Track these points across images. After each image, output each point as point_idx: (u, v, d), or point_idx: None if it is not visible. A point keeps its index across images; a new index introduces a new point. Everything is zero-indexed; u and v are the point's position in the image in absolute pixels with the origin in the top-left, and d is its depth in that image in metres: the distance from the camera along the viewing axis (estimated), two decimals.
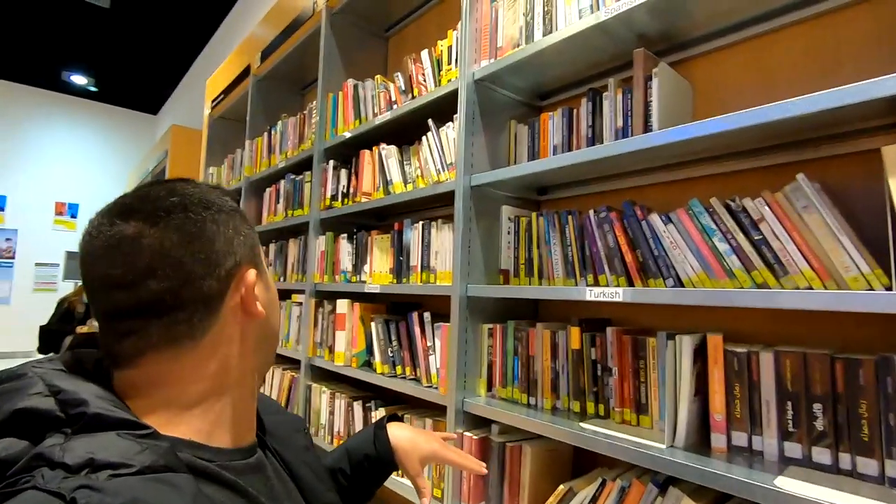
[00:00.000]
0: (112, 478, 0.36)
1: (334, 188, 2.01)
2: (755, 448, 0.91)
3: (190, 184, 0.52)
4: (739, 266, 0.92)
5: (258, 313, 0.52)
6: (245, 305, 0.51)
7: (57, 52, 6.23)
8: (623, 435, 1.02)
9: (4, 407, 0.39)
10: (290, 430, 0.67)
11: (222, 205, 0.52)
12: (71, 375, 0.44)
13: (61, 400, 0.41)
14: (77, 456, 0.36)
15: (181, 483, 0.40)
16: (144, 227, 0.46)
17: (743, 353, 0.93)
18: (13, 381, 0.42)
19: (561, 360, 1.23)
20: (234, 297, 0.50)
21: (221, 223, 0.50)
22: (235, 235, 0.51)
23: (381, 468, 0.82)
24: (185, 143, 4.87)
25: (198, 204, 0.49)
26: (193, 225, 0.48)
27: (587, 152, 1.13)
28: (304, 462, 0.63)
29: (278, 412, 0.69)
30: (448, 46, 1.54)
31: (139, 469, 0.38)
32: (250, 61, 3.08)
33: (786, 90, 1.06)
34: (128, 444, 0.39)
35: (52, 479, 0.34)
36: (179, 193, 0.49)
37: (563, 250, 1.25)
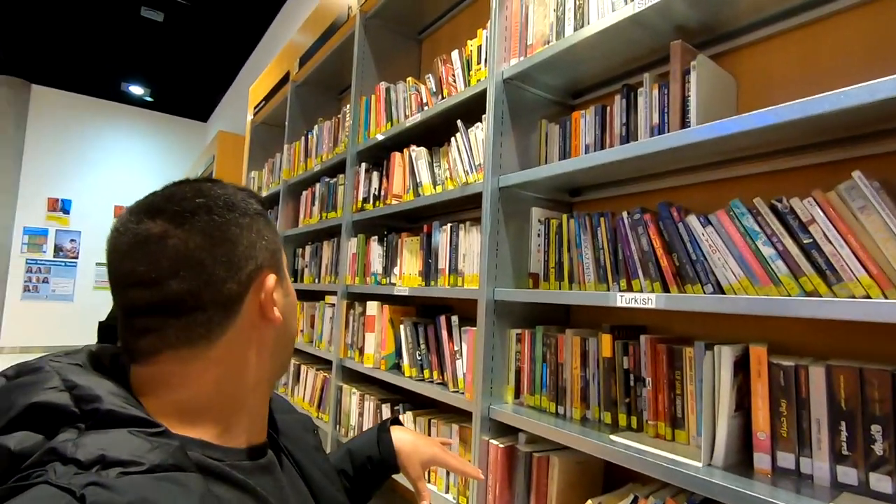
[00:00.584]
0: (122, 475, 0.36)
1: (366, 190, 2.02)
2: (804, 471, 0.83)
3: (217, 185, 0.53)
4: (786, 272, 0.85)
5: (276, 318, 0.52)
6: (263, 310, 0.51)
7: (117, 64, 6.64)
8: (656, 450, 0.95)
9: (20, 400, 0.40)
10: (301, 429, 0.66)
11: (247, 208, 0.52)
12: (87, 371, 0.45)
13: (76, 395, 0.41)
14: (89, 452, 0.36)
15: (190, 482, 0.40)
16: (170, 227, 0.46)
17: (790, 367, 0.85)
18: (30, 374, 0.43)
19: (591, 368, 1.18)
20: (253, 301, 0.50)
21: (245, 227, 0.50)
22: (258, 239, 0.51)
23: (383, 470, 0.82)
24: (231, 149, 5.06)
25: (223, 206, 0.49)
26: (217, 227, 0.48)
27: (621, 150, 1.08)
28: (314, 462, 0.63)
29: (289, 411, 0.68)
30: (478, 46, 1.51)
31: (149, 467, 0.38)
32: (289, 68, 3.16)
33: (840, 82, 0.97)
34: (139, 442, 0.39)
35: (64, 475, 0.35)
36: (206, 195, 0.50)
37: (595, 254, 1.20)
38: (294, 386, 2.55)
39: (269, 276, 0.51)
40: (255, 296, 0.50)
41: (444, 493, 1.47)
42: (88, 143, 7.72)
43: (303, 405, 2.38)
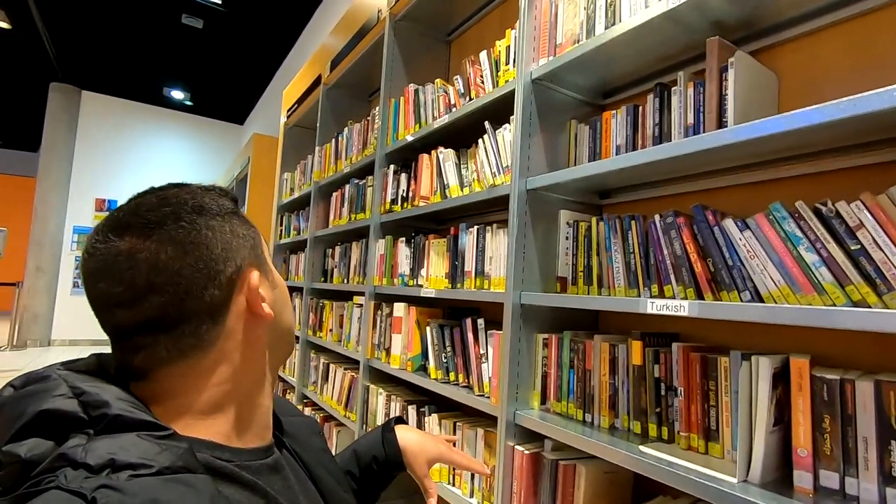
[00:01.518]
0: (132, 478, 0.37)
1: (394, 192, 2.03)
2: (849, 492, 0.78)
3: (183, 189, 0.51)
4: (831, 280, 0.80)
5: (266, 314, 0.52)
6: (252, 308, 0.51)
7: (159, 70, 6.92)
8: (689, 464, 0.92)
9: (30, 408, 0.40)
10: (308, 432, 0.67)
11: (217, 208, 0.51)
12: (93, 378, 0.45)
13: (84, 401, 0.41)
14: (98, 456, 0.37)
15: (199, 484, 0.40)
16: (138, 242, 0.45)
17: (834, 381, 0.80)
18: (38, 382, 0.43)
19: (621, 375, 1.15)
20: (239, 301, 0.50)
21: (217, 228, 0.49)
22: (233, 238, 0.50)
23: (389, 470, 0.83)
24: (265, 151, 5.19)
25: (191, 211, 0.48)
26: (188, 234, 0.46)
27: (653, 152, 1.04)
28: (321, 463, 0.63)
29: (294, 413, 0.69)
30: (506, 46, 1.50)
31: (158, 469, 0.38)
32: (321, 71, 3.21)
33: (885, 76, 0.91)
34: (147, 445, 0.40)
35: (75, 479, 0.35)
36: (171, 202, 0.48)
37: (625, 258, 1.16)
38: (323, 384, 2.59)
39: (252, 273, 0.51)
40: (241, 296, 0.50)
41: (468, 498, 1.46)
42: (133, 145, 8.08)
43: (331, 404, 2.42)
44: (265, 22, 5.46)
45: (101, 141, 7.80)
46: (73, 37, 5.93)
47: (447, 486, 1.54)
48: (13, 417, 0.40)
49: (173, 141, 8.43)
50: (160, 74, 7.09)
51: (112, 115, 7.91)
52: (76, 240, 7.58)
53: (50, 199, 7.27)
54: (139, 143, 8.14)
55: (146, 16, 5.41)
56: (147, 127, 8.20)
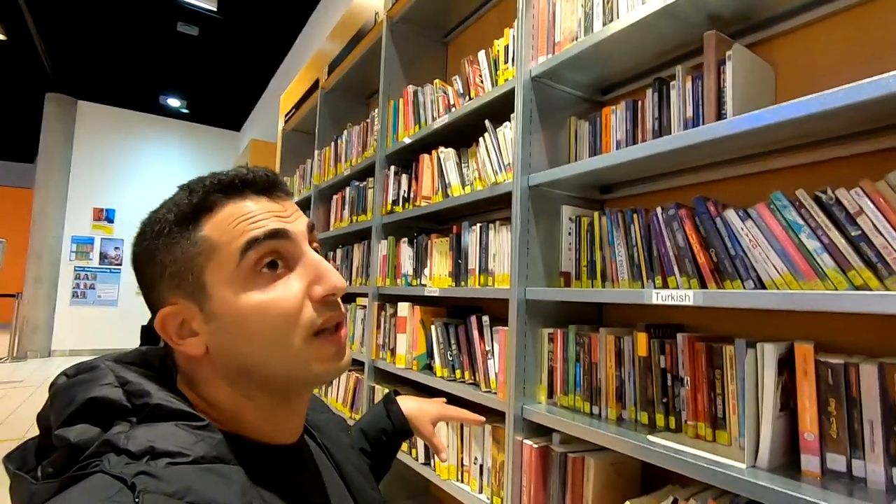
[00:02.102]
0: (169, 465, 0.38)
1: (395, 193, 2.04)
2: (856, 474, 0.79)
3: (174, 194, 0.50)
4: (833, 266, 0.81)
5: (191, 354, 0.47)
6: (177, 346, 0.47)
7: (155, 78, 6.93)
8: (697, 451, 0.93)
9: (79, 396, 0.42)
10: (336, 429, 0.68)
11: (153, 229, 0.48)
12: (137, 369, 0.47)
13: (128, 391, 0.43)
14: (139, 444, 0.39)
15: (231, 474, 0.42)
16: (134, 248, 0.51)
17: (839, 365, 0.81)
18: (88, 372, 0.45)
19: (627, 367, 1.16)
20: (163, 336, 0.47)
21: (140, 256, 0.49)
22: (153, 268, 0.47)
23: (397, 439, 0.88)
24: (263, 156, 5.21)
25: (140, 234, 0.50)
26: (134, 261, 0.50)
27: (653, 145, 1.06)
28: (349, 460, 0.64)
29: (325, 411, 0.70)
30: (505, 45, 1.51)
31: (194, 459, 0.40)
32: (319, 75, 3.22)
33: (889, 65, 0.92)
34: (184, 435, 0.41)
35: (117, 465, 0.37)
36: (148, 217, 0.50)
37: (628, 251, 1.18)
38: (327, 387, 2.59)
39: (165, 311, 0.46)
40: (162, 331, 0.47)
41: (478, 494, 1.47)
42: (130, 154, 8.07)
43: (336, 406, 2.42)
44: (260, 28, 5.47)
45: (97, 150, 7.80)
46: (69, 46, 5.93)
47: (456, 482, 1.55)
48: (65, 404, 0.42)
49: (170, 149, 8.43)
50: (156, 83, 7.10)
51: (108, 125, 7.90)
52: (74, 249, 7.57)
53: (48, 209, 7.25)
54: (136, 152, 8.13)
55: (141, 24, 5.42)
56: (144, 135, 8.20)
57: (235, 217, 0.47)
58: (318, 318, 0.48)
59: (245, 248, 0.45)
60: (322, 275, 0.48)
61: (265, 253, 0.46)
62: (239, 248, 0.45)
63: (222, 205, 0.47)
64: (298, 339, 0.47)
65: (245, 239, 0.46)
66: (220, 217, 0.47)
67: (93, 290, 7.68)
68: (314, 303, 0.48)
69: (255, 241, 0.46)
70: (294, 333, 0.46)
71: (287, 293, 0.47)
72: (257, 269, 0.46)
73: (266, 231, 0.46)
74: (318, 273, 0.48)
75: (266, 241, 0.46)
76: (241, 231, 0.46)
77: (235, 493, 0.40)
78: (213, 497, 0.38)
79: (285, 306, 0.46)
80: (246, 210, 0.47)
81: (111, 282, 7.83)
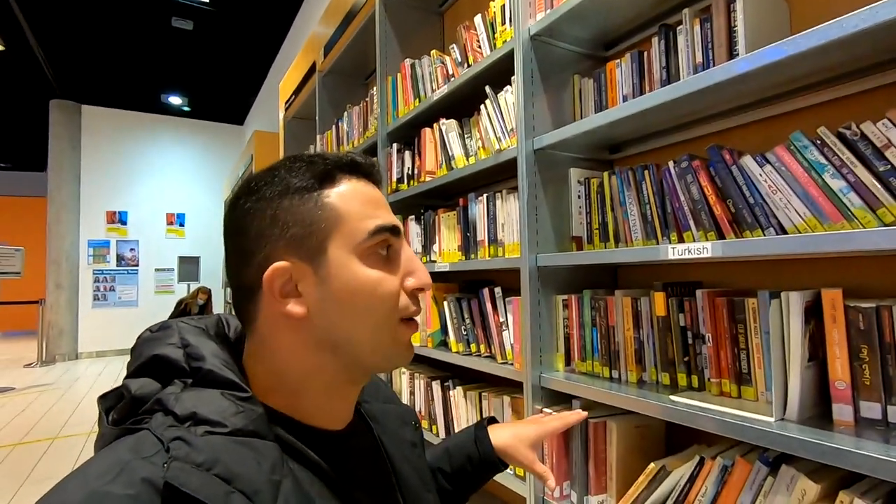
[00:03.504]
0: (207, 434, 0.40)
1: (399, 171, 2.01)
2: (892, 420, 0.76)
3: (286, 161, 0.52)
4: (860, 204, 0.77)
5: (293, 313, 0.47)
6: (277, 302, 0.47)
7: (155, 77, 6.92)
8: (723, 408, 0.90)
9: (147, 351, 0.46)
10: (399, 422, 0.64)
11: (269, 190, 0.49)
12: (202, 333, 0.49)
13: (188, 353, 0.46)
14: (185, 407, 0.41)
15: (265, 449, 0.42)
16: (225, 220, 0.53)
17: (870, 309, 0.77)
18: (161, 331, 0.49)
19: (645, 329, 1.13)
20: (266, 291, 0.48)
21: (257, 213, 0.48)
22: (270, 226, 0.48)
23: (483, 469, 0.79)
24: (267, 147, 5.18)
25: (247, 192, 0.50)
26: (238, 217, 0.50)
27: (662, 93, 1.00)
28: (406, 457, 0.61)
29: (390, 401, 0.66)
30: (501, 6, 1.45)
31: (231, 430, 0.41)
32: (315, 59, 3.17)
33: None
34: (227, 404, 0.43)
35: (161, 426, 0.40)
36: (258, 177, 0.51)
37: (641, 209, 1.13)
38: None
39: (275, 265, 0.46)
40: (266, 286, 0.47)
41: None
42: (137, 155, 8.14)
43: None
44: (254, 17, 5.41)
45: (105, 154, 7.87)
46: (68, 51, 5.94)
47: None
48: (135, 357, 0.47)
49: (176, 147, 8.47)
50: (156, 82, 7.10)
51: (113, 127, 7.95)
52: (92, 253, 7.70)
53: (62, 216, 7.37)
54: (143, 153, 8.19)
55: (136, 22, 5.39)
56: (149, 135, 8.24)
57: (360, 195, 0.50)
58: (411, 307, 0.52)
59: (374, 231, 0.49)
60: (416, 269, 0.53)
61: (384, 240, 0.50)
62: (369, 228, 0.49)
63: (344, 180, 0.50)
64: (393, 319, 0.51)
65: (376, 224, 0.49)
66: (345, 191, 0.50)
67: (113, 292, 7.83)
68: (407, 293, 0.52)
69: (384, 229, 0.50)
70: (392, 312, 0.50)
71: (393, 277, 0.51)
72: (375, 250, 0.50)
73: (391, 224, 0.51)
74: (413, 267, 0.53)
75: (388, 232, 0.50)
76: (368, 212, 0.50)
77: (265, 469, 0.41)
78: (240, 471, 0.39)
79: (391, 287, 0.50)
80: (368, 192, 0.51)
81: (130, 283, 7.97)
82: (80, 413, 4.36)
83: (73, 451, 3.38)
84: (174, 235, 8.33)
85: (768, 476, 0.84)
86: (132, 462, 0.37)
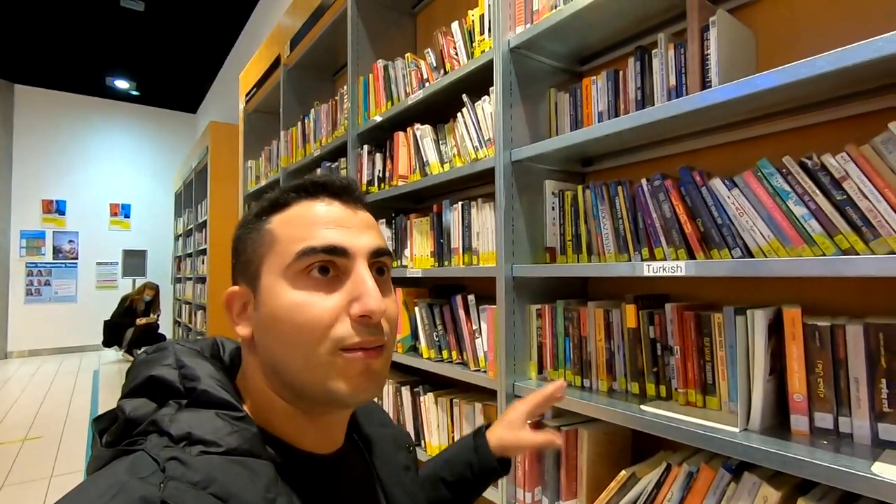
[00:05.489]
0: (202, 454, 0.40)
1: (370, 173, 1.98)
2: (843, 430, 0.82)
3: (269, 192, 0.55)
4: (820, 231, 0.83)
5: (240, 334, 0.51)
6: (234, 325, 0.52)
7: (99, 58, 6.49)
8: (690, 418, 0.95)
9: (143, 372, 0.47)
10: (393, 446, 0.64)
11: (242, 220, 0.54)
12: (197, 355, 0.50)
13: (183, 374, 0.47)
14: (180, 428, 0.41)
15: (259, 468, 0.42)
16: None
17: (825, 327, 0.84)
18: (157, 352, 0.50)
19: (616, 339, 1.17)
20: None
21: (233, 243, 0.54)
22: (233, 254, 0.54)
23: (484, 476, 0.79)
24: (225, 139, 4.98)
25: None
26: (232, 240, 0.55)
27: (637, 116, 1.04)
28: (399, 482, 0.61)
29: (384, 425, 0.66)
30: (480, 15, 1.46)
31: (226, 450, 0.41)
32: (280, 51, 3.07)
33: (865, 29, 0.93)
34: (221, 424, 0.43)
35: (156, 446, 0.40)
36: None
37: (614, 224, 1.17)
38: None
39: (231, 289, 0.52)
40: (227, 308, 0.53)
41: None
42: (77, 141, 7.61)
43: None
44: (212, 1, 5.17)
45: (41, 138, 7.32)
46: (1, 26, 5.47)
47: None
48: (131, 378, 0.47)
49: (121, 134, 7.98)
50: (101, 63, 6.65)
51: (51, 110, 7.40)
52: (25, 245, 7.15)
53: None
54: (84, 139, 7.67)
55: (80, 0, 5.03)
56: (91, 120, 7.73)
57: (306, 217, 0.49)
58: (353, 337, 0.47)
59: (301, 253, 0.47)
60: (362, 294, 0.47)
61: (317, 262, 0.47)
62: (296, 250, 0.47)
63: (293, 203, 0.51)
64: (324, 349, 0.46)
65: (303, 245, 0.47)
66: (289, 214, 0.50)
67: (48, 287, 7.31)
68: (353, 320, 0.47)
69: (312, 250, 0.47)
70: (321, 342, 0.46)
71: (326, 301, 0.47)
72: (307, 272, 0.47)
73: (324, 245, 0.47)
74: (360, 292, 0.47)
75: (321, 253, 0.47)
76: (303, 233, 0.48)
77: (260, 488, 0.41)
78: (235, 490, 0.39)
79: (318, 312, 0.46)
80: (313, 212, 0.50)
81: (68, 277, 7.46)
82: (10, 419, 4.05)
83: (2, 462, 3.12)
84: (118, 227, 7.86)
85: (731, 482, 0.89)
86: (129, 483, 0.37)
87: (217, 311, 4.84)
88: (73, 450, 3.32)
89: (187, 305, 6.18)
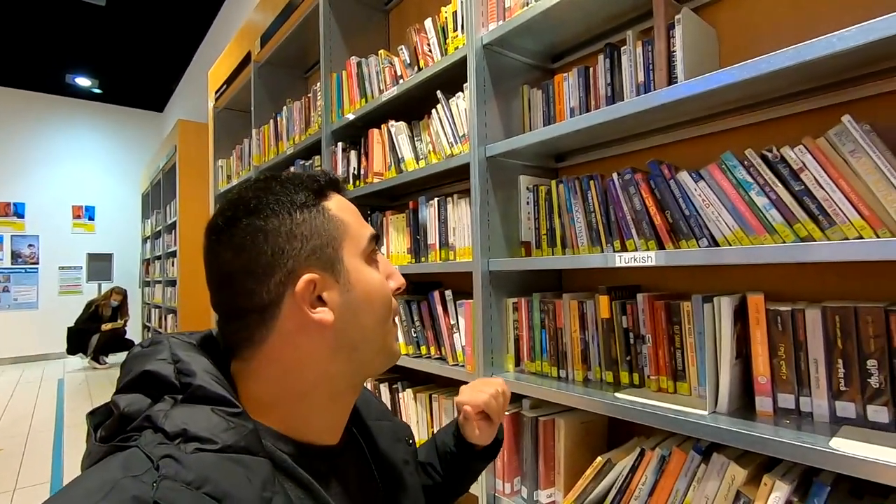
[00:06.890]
0: (197, 451, 0.39)
1: (345, 171, 1.97)
2: (804, 410, 0.87)
3: (257, 184, 0.52)
4: (780, 220, 0.87)
5: (321, 321, 0.49)
6: (305, 314, 0.49)
7: (59, 55, 6.23)
8: (662, 403, 0.98)
9: (137, 367, 0.46)
10: (392, 438, 0.64)
11: (277, 207, 0.49)
12: (193, 348, 0.49)
13: (178, 368, 0.45)
14: (175, 424, 0.40)
15: (255, 466, 0.42)
16: (214, 244, 0.50)
17: (787, 312, 0.88)
18: (152, 346, 0.48)
19: (590, 330, 1.20)
20: (291, 305, 0.49)
21: (270, 231, 0.48)
22: (288, 242, 0.49)
23: (465, 455, 0.77)
24: (194, 138, 4.86)
25: (250, 211, 0.49)
26: (241, 238, 0.49)
27: (607, 111, 1.07)
28: (396, 475, 0.61)
29: (383, 417, 0.66)
30: (453, 12, 1.47)
31: (221, 447, 0.41)
32: (250, 48, 3.02)
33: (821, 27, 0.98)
34: (217, 420, 0.42)
35: (150, 443, 0.39)
36: (241, 200, 0.50)
37: (587, 217, 1.20)
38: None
39: (305, 279, 0.48)
40: (293, 300, 0.48)
41: None
42: (36, 141, 7.29)
43: None
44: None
45: None
46: None
47: None
48: (125, 373, 0.46)
49: (84, 133, 7.69)
50: (61, 60, 6.39)
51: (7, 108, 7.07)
52: None
53: None
54: (44, 138, 7.36)
55: None
56: (51, 120, 7.42)
57: (349, 207, 0.55)
58: (396, 306, 0.57)
59: (372, 237, 0.55)
60: (393, 272, 0.57)
61: (376, 246, 0.56)
62: (367, 235, 0.54)
63: (334, 195, 0.54)
64: (390, 319, 0.56)
65: (371, 230, 0.55)
66: (340, 203, 0.54)
67: (7, 293, 7.00)
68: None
69: (375, 237, 0.56)
70: (390, 312, 0.56)
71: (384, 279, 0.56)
72: (372, 255, 0.55)
73: (377, 232, 0.57)
74: (391, 270, 0.57)
75: (376, 238, 0.56)
76: (361, 221, 0.55)
77: (256, 486, 0.40)
78: (230, 489, 0.39)
79: (389, 289, 0.56)
80: (351, 205, 0.56)
81: (28, 283, 7.16)
82: None
83: None
84: (82, 230, 7.57)
85: (701, 464, 0.93)
86: (122, 481, 0.36)
87: (189, 314, 4.72)
88: (36, 461, 3.20)
89: (157, 309, 6.01)
